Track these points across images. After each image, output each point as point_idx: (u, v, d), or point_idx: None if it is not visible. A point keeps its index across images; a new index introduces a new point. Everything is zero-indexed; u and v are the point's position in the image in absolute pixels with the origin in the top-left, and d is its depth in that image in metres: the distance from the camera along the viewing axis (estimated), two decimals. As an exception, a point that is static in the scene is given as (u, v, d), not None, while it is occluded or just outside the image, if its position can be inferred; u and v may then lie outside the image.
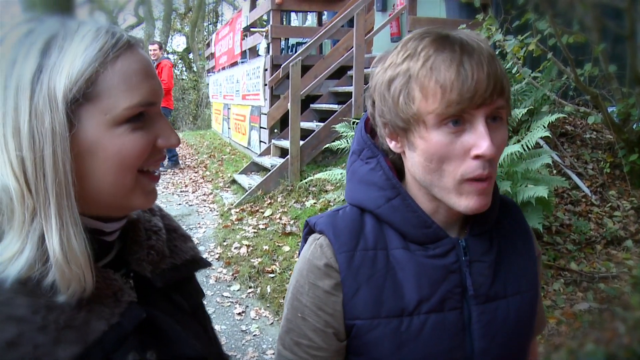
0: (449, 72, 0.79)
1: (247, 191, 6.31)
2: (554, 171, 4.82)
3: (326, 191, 5.46)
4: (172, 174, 8.84)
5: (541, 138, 3.95)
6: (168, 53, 22.89)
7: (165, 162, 9.12)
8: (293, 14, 11.66)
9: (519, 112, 3.89)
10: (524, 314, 0.96)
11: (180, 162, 10.06)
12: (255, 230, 5.26)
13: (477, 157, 0.82)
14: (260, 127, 8.18)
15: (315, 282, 0.92)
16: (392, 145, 0.91)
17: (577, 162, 5.11)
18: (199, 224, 5.92)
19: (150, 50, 9.07)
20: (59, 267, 0.66)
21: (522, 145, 3.56)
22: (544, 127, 3.71)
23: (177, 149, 12.07)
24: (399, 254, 0.92)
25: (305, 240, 1.00)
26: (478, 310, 0.92)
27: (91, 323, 0.69)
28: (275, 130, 7.68)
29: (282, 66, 6.69)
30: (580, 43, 4.39)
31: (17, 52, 0.67)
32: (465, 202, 0.85)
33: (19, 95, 0.66)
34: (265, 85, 7.72)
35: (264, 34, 8.06)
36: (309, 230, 0.99)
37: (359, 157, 0.98)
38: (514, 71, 4.64)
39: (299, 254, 1.01)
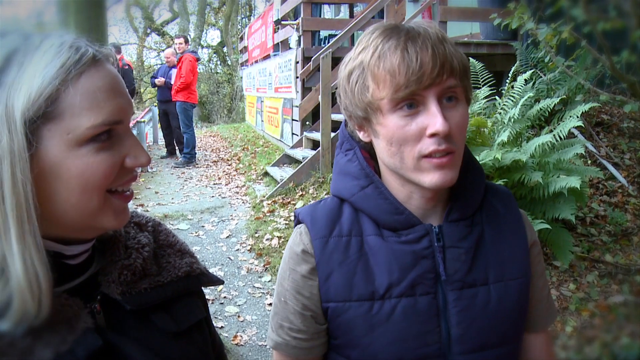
0: (394, 57, 0.83)
1: (279, 183, 6.36)
2: (589, 161, 4.73)
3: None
4: (206, 167, 8.97)
5: (575, 128, 3.88)
6: (202, 47, 23.16)
7: (180, 158, 9.30)
8: (326, 7, 11.65)
9: (551, 102, 3.81)
10: (508, 302, 0.95)
11: (214, 155, 10.20)
12: (287, 222, 5.31)
13: (432, 135, 0.84)
14: (293, 120, 8.22)
15: (294, 268, 0.98)
16: (361, 135, 0.96)
17: (613, 152, 5.00)
18: (231, 215, 6.00)
19: (176, 43, 9.30)
20: (19, 293, 0.64)
21: (553, 135, 3.51)
22: (577, 117, 3.64)
23: (212, 141, 12.24)
24: (373, 240, 0.95)
25: None
26: (454, 296, 0.93)
27: (35, 351, 0.65)
28: (307, 123, 7.71)
29: (313, 59, 6.71)
30: (617, 29, 4.27)
31: None
32: (428, 178, 0.87)
33: None
34: (297, 77, 7.75)
35: (295, 26, 8.08)
36: (298, 220, 1.03)
37: (340, 150, 1.03)
38: (546, 60, 4.56)
39: None
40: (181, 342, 0.83)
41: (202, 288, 0.95)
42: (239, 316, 3.77)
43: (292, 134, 8.26)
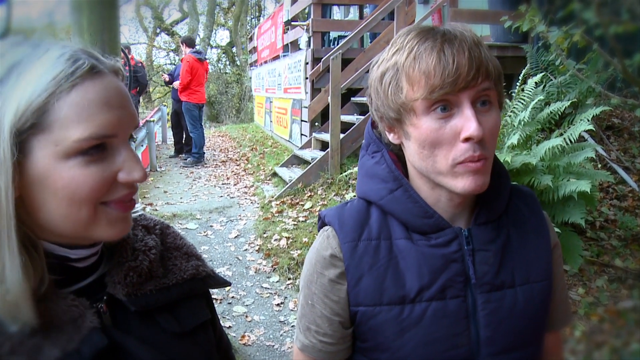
0: (430, 58, 0.83)
1: (287, 184, 6.37)
2: (599, 165, 4.70)
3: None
4: (215, 167, 8.99)
5: (585, 131, 3.86)
6: (212, 47, 23.21)
7: (189, 158, 9.34)
8: (336, 8, 11.65)
9: (561, 105, 3.79)
10: (533, 304, 0.96)
11: (223, 154, 10.21)
12: (295, 223, 5.32)
13: (466, 139, 0.84)
14: (302, 121, 8.23)
15: (322, 272, 0.97)
16: (391, 137, 0.95)
17: (624, 156, 4.97)
18: (239, 216, 6.02)
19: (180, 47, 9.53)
20: None
21: (564, 138, 3.49)
22: (588, 120, 3.61)
23: (221, 141, 12.26)
24: (402, 243, 0.95)
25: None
26: (483, 299, 0.93)
27: (43, 350, 0.67)
28: (316, 124, 7.71)
29: (322, 60, 6.71)
30: (629, 32, 4.24)
31: None
32: (462, 184, 0.87)
33: None
34: (307, 78, 7.75)
35: (305, 27, 8.09)
36: (322, 222, 1.03)
37: (366, 152, 1.03)
38: (557, 63, 4.53)
39: None
40: (185, 342, 0.85)
41: (210, 290, 0.96)
42: (246, 316, 3.78)
43: (301, 134, 8.27)
